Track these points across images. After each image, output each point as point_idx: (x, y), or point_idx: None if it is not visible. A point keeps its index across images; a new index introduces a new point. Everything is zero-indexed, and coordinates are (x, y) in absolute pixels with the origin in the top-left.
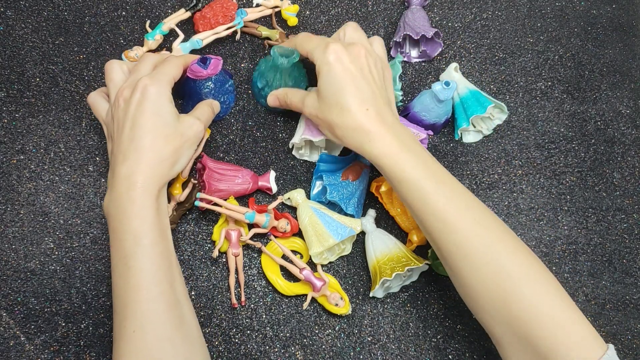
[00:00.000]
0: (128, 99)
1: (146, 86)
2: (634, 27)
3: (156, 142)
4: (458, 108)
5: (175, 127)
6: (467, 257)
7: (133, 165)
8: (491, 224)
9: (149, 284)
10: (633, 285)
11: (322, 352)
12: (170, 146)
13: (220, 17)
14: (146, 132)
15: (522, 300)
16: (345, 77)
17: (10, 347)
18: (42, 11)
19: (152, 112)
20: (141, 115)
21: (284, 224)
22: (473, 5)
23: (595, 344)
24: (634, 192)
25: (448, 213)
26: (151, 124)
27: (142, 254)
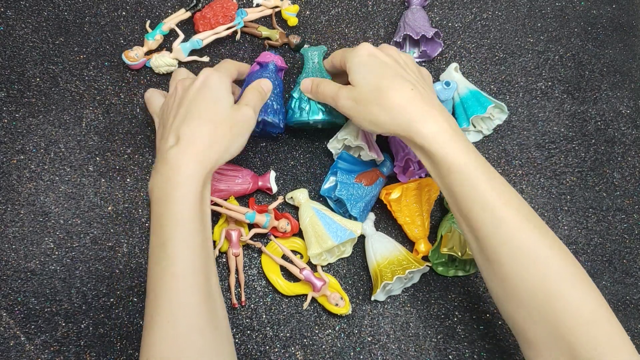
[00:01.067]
0: (188, 86)
1: (209, 74)
2: (634, 27)
3: (207, 127)
4: (458, 108)
5: (229, 113)
6: (513, 253)
7: (182, 149)
8: (538, 223)
9: (185, 273)
10: (633, 285)
11: (322, 352)
12: (221, 132)
13: (220, 17)
14: (200, 117)
15: (566, 302)
16: (380, 66)
17: (11, 347)
18: (42, 11)
19: (210, 99)
20: (199, 101)
21: (284, 224)
22: (473, 5)
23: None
24: (634, 192)
25: (499, 206)
26: (206, 110)
27: (182, 241)
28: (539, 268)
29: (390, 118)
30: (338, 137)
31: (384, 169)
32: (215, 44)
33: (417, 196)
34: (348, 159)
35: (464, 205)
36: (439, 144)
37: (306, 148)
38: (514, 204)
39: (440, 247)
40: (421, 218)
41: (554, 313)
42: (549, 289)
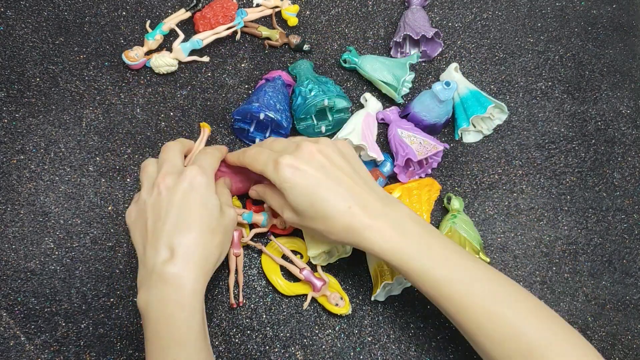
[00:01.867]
0: (172, 187)
1: (195, 176)
2: (634, 27)
3: (204, 237)
4: (458, 108)
5: (219, 220)
6: (490, 336)
7: (182, 263)
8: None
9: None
10: (633, 285)
11: (322, 352)
12: (217, 241)
13: (221, 17)
14: (194, 225)
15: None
16: (310, 186)
17: (10, 347)
18: (42, 11)
19: (200, 204)
20: (189, 206)
21: (283, 221)
22: (473, 5)
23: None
24: (634, 192)
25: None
26: (199, 217)
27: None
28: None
29: (340, 237)
30: (339, 137)
31: (384, 169)
32: (215, 44)
33: (417, 196)
34: None
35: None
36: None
37: None
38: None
39: None
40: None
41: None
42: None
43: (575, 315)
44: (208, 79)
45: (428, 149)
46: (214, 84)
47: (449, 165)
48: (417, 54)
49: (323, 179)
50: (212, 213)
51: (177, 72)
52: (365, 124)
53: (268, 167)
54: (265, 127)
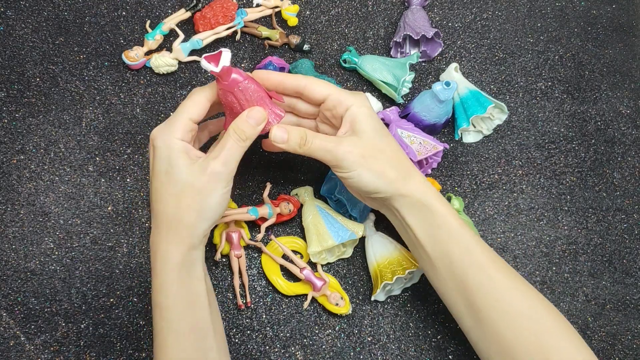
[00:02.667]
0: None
1: (153, 141)
2: (634, 27)
3: (167, 205)
4: (458, 108)
5: (185, 180)
6: (507, 311)
7: (153, 235)
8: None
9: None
10: (633, 285)
11: (322, 352)
12: (185, 203)
13: (221, 17)
14: (157, 195)
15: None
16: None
17: (11, 347)
18: (42, 11)
19: (162, 172)
20: (154, 176)
21: (286, 205)
22: (473, 5)
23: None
24: (634, 192)
25: (492, 268)
26: (160, 186)
27: (168, 329)
28: (532, 324)
29: (399, 175)
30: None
31: None
32: (215, 44)
33: None
34: None
35: (458, 265)
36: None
37: None
38: (501, 265)
39: None
40: None
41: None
42: (542, 345)
43: (575, 315)
44: (208, 79)
45: (428, 149)
46: None
47: (449, 165)
48: (417, 54)
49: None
50: (177, 175)
51: (177, 72)
52: None
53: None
54: None
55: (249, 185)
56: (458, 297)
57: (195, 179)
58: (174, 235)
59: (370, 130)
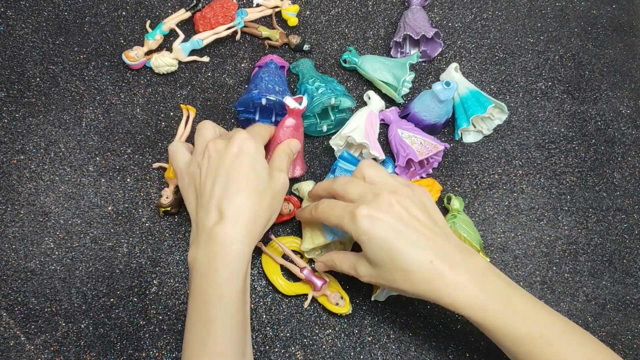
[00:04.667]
0: (223, 151)
1: (244, 140)
2: (634, 27)
3: (252, 199)
4: (458, 108)
5: (268, 183)
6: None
7: (230, 225)
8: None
9: (225, 352)
10: (633, 285)
11: (322, 352)
12: (265, 203)
13: (221, 17)
14: (243, 190)
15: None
16: (390, 238)
17: (11, 347)
18: (42, 11)
19: (249, 167)
20: (238, 169)
21: (286, 205)
22: (473, 5)
23: None
24: (634, 192)
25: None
26: (247, 182)
27: (226, 321)
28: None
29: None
30: (341, 134)
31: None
32: (215, 44)
33: None
34: (349, 159)
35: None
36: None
37: (306, 148)
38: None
39: None
40: None
41: None
42: None
43: (576, 315)
44: (208, 79)
45: (429, 149)
46: (214, 84)
47: (449, 165)
48: (417, 54)
49: (402, 231)
50: (261, 176)
51: (177, 72)
52: (368, 122)
53: (344, 220)
54: (270, 111)
55: None
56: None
57: (274, 184)
58: (253, 229)
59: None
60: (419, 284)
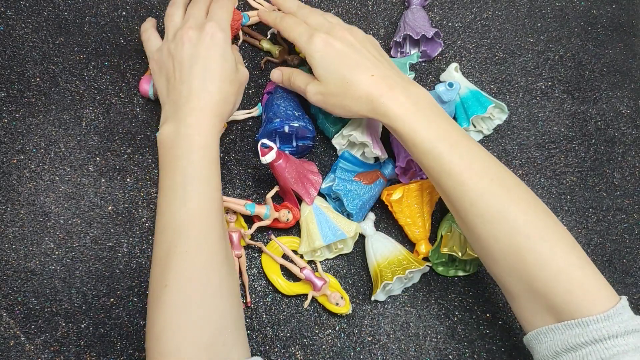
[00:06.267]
0: (195, 40)
1: (215, 32)
2: (634, 27)
3: (224, 85)
4: (458, 108)
5: (235, 74)
6: (481, 214)
7: (204, 103)
8: (506, 182)
9: (203, 211)
10: (633, 285)
11: (322, 352)
12: (234, 88)
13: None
14: (216, 75)
15: (536, 256)
16: (339, 56)
17: (11, 347)
18: (42, 11)
19: (221, 57)
20: (212, 59)
21: (286, 213)
22: (473, 5)
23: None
24: (634, 192)
25: (463, 173)
26: (220, 68)
27: (201, 181)
28: (506, 226)
29: (359, 106)
30: (343, 133)
31: (385, 171)
32: None
33: (418, 197)
34: (350, 159)
35: (433, 174)
36: (403, 122)
37: None
38: (476, 168)
39: (441, 247)
40: (422, 219)
41: (525, 267)
42: (518, 245)
43: None
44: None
45: None
46: None
47: None
48: (417, 54)
49: (351, 53)
50: (230, 66)
51: None
52: (370, 121)
53: (302, 38)
54: (289, 137)
55: (249, 185)
56: (446, 201)
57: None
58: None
59: (324, 73)
60: (359, 98)
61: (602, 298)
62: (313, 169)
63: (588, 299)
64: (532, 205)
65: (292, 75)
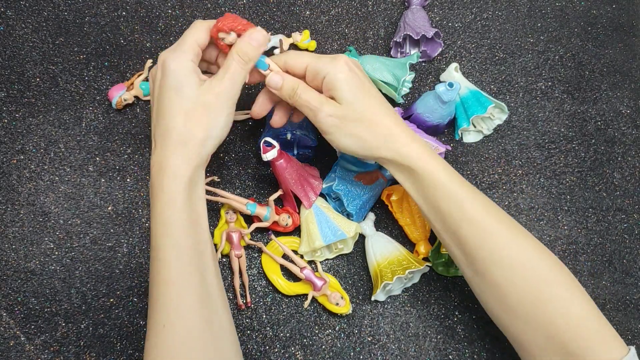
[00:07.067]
0: (154, 78)
1: (164, 61)
2: (634, 27)
3: (176, 121)
4: (458, 108)
5: (196, 98)
6: (501, 262)
7: (160, 151)
8: (521, 230)
9: (177, 278)
10: (633, 285)
11: (322, 352)
12: (194, 121)
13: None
14: (167, 112)
15: (557, 304)
16: (362, 84)
17: (11, 347)
18: (42, 11)
19: (172, 89)
20: (162, 94)
21: (285, 218)
22: (473, 5)
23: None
24: (634, 192)
25: (484, 220)
26: (169, 103)
27: (171, 246)
28: (527, 274)
29: (376, 141)
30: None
31: (386, 172)
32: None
33: None
34: (350, 159)
35: (450, 222)
36: (426, 163)
37: None
38: (496, 216)
39: (441, 247)
40: (422, 220)
41: (544, 315)
42: (538, 293)
43: None
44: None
45: None
46: None
47: None
48: (417, 54)
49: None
50: (187, 93)
51: None
52: None
53: (323, 59)
54: (291, 144)
55: (249, 185)
56: (456, 249)
57: (205, 97)
58: (184, 151)
59: (348, 96)
60: (379, 133)
61: (617, 346)
62: (314, 173)
63: (604, 348)
64: (546, 251)
65: (299, 87)
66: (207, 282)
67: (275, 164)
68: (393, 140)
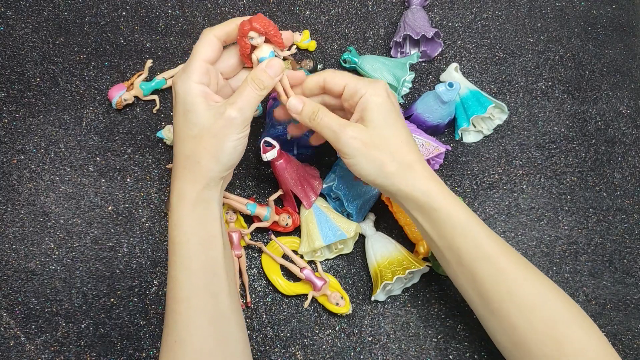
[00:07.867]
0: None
1: (174, 85)
2: (634, 27)
3: (185, 146)
4: (458, 108)
5: (202, 124)
6: (519, 302)
7: (172, 175)
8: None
9: (188, 297)
10: (634, 285)
11: (322, 352)
12: (204, 145)
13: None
14: (177, 137)
15: (575, 345)
16: (397, 113)
17: (11, 347)
18: (42, 11)
19: (181, 114)
20: (175, 119)
21: (285, 218)
22: (473, 5)
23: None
24: (635, 192)
25: (501, 259)
26: (178, 128)
27: (181, 265)
28: (545, 314)
29: (398, 170)
30: None
31: None
32: None
33: None
34: None
35: (467, 261)
36: (443, 200)
37: None
38: (512, 256)
39: None
40: None
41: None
42: (557, 334)
43: None
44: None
45: (430, 150)
46: None
47: (449, 165)
48: (417, 54)
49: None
50: (195, 118)
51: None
52: None
53: (363, 81)
54: (291, 144)
55: (249, 185)
56: (470, 288)
57: (212, 122)
58: (190, 174)
59: (378, 119)
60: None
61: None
62: (315, 174)
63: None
64: (560, 291)
65: (320, 111)
66: (219, 302)
67: (275, 164)
68: (413, 173)
